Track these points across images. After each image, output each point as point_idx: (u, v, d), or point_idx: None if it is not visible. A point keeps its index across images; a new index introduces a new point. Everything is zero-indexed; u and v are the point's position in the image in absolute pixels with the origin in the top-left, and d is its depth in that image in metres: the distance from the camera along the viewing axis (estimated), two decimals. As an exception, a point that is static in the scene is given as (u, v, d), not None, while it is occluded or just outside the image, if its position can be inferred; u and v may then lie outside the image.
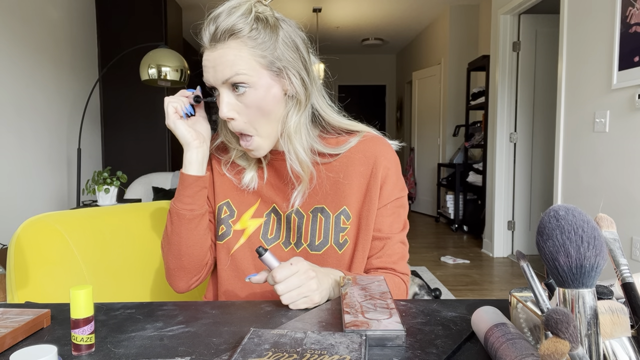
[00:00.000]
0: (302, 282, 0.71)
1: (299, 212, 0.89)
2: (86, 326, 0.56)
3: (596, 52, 2.62)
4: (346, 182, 0.88)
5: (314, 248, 0.88)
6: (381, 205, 0.88)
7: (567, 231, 0.44)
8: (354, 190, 0.88)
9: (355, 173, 0.88)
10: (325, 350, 0.51)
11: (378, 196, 0.88)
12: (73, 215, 1.06)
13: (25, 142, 2.92)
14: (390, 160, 0.89)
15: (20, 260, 0.93)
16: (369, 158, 0.88)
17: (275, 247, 0.89)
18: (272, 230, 0.90)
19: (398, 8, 5.49)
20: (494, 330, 0.53)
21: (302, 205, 0.88)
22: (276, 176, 0.91)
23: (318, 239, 0.88)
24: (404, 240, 0.92)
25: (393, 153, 0.91)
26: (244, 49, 0.77)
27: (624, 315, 0.46)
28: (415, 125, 6.57)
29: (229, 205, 0.92)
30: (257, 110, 0.79)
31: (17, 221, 2.70)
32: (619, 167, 2.47)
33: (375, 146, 0.89)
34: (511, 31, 3.86)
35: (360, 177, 0.88)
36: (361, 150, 0.89)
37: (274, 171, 0.92)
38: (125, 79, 3.76)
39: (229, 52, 0.77)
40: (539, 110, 3.98)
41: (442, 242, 4.60)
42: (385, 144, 0.91)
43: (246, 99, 0.79)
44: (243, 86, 0.78)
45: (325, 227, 0.88)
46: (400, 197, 0.90)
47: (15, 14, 2.83)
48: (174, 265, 0.88)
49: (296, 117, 0.83)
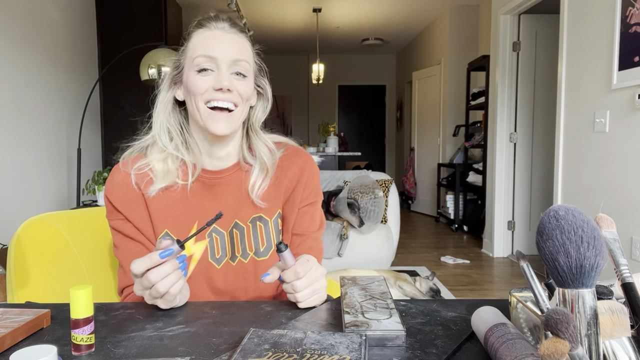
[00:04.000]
0: (317, 278, 0.73)
1: (238, 226, 0.92)
2: (86, 326, 0.56)
3: (596, 52, 2.61)
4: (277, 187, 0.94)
5: (260, 254, 0.91)
6: (301, 205, 0.95)
7: (567, 231, 0.44)
8: (282, 192, 0.95)
9: (287, 178, 0.94)
10: (325, 350, 0.51)
11: (300, 198, 0.95)
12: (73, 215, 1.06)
13: (25, 142, 2.92)
14: (311, 168, 0.97)
15: (20, 260, 0.93)
16: (299, 165, 0.96)
17: (225, 265, 0.90)
18: (218, 249, 0.90)
19: (398, 8, 5.49)
20: (494, 330, 0.53)
21: (241, 218, 0.91)
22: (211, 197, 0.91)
23: (262, 246, 0.92)
24: (319, 238, 0.99)
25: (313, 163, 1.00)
26: (248, 44, 0.91)
27: (624, 315, 0.46)
28: (415, 125, 6.57)
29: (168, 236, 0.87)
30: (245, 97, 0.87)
31: (17, 221, 2.70)
32: (619, 167, 2.47)
33: (301, 155, 0.98)
34: (511, 31, 3.86)
35: (289, 181, 0.94)
36: (289, 159, 0.96)
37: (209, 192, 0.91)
38: (125, 79, 3.76)
39: (242, 41, 0.89)
40: (539, 110, 3.98)
41: (442, 242, 4.59)
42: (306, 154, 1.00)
43: (242, 86, 0.86)
44: (243, 75, 0.87)
45: (267, 232, 0.93)
46: (316, 201, 0.98)
47: (16, 14, 2.83)
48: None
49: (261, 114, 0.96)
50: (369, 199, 3.14)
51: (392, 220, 3.29)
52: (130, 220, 0.87)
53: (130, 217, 0.87)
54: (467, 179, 4.89)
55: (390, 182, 3.33)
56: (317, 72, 6.07)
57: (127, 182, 0.88)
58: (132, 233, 0.88)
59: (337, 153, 5.02)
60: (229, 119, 0.85)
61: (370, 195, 3.15)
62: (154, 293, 0.67)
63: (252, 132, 0.96)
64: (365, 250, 3.04)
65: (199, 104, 0.84)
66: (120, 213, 0.88)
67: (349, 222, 3.06)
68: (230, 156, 0.93)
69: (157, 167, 0.88)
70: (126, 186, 0.88)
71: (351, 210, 3.00)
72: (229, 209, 0.91)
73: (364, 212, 3.09)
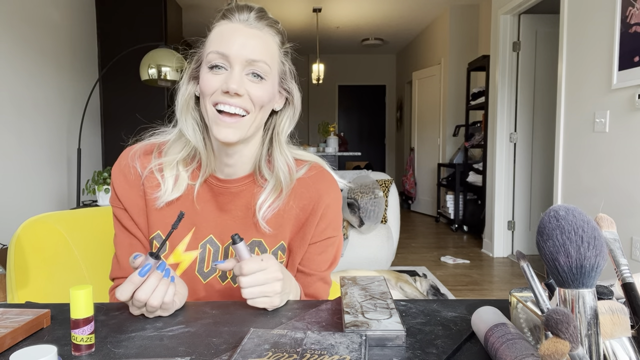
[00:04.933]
0: (267, 280, 0.68)
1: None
2: (86, 326, 0.56)
3: (596, 52, 2.61)
4: (286, 215, 0.84)
5: None
6: (313, 242, 0.86)
7: (567, 231, 0.44)
8: (292, 224, 0.85)
9: (297, 206, 0.84)
10: (325, 350, 0.51)
11: (312, 232, 0.85)
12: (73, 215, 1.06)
13: (26, 142, 2.92)
14: (332, 198, 0.86)
15: (20, 260, 0.93)
16: (313, 193, 0.84)
17: (212, 281, 0.84)
18: (208, 263, 0.84)
19: (398, 8, 5.49)
20: (494, 330, 0.53)
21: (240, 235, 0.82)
22: (216, 206, 0.84)
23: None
24: (327, 279, 0.89)
25: (337, 190, 0.87)
26: (275, 42, 0.80)
27: (624, 315, 0.46)
28: (415, 125, 6.57)
29: (160, 238, 0.84)
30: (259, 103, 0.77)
31: (17, 221, 2.69)
32: (619, 167, 2.47)
33: (321, 182, 0.86)
34: (511, 31, 3.86)
35: (300, 211, 0.85)
36: (306, 185, 0.85)
37: (214, 200, 0.85)
38: (125, 79, 3.75)
39: (266, 38, 0.78)
40: (539, 110, 3.98)
41: (442, 242, 4.59)
42: (330, 180, 0.87)
43: (256, 90, 0.76)
44: (262, 76, 0.77)
45: None
46: (332, 237, 0.87)
47: (16, 14, 2.83)
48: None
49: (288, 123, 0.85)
50: (369, 199, 3.14)
51: (392, 220, 3.29)
52: (129, 212, 0.84)
53: (129, 209, 0.84)
54: (467, 179, 4.89)
55: (390, 182, 3.33)
56: (317, 72, 6.07)
57: (133, 173, 0.83)
58: (130, 226, 0.85)
59: (337, 153, 5.02)
60: (236, 125, 0.75)
61: (370, 195, 3.15)
62: (150, 309, 0.65)
63: (275, 142, 0.84)
64: (365, 250, 3.04)
65: (207, 105, 0.76)
66: (121, 203, 0.84)
67: (349, 222, 3.06)
68: (243, 165, 0.83)
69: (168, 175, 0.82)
70: (134, 183, 0.83)
71: (351, 210, 3.00)
72: (232, 224, 0.84)
73: (364, 212, 3.09)
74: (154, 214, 0.83)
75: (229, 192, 0.84)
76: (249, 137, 0.80)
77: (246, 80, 0.76)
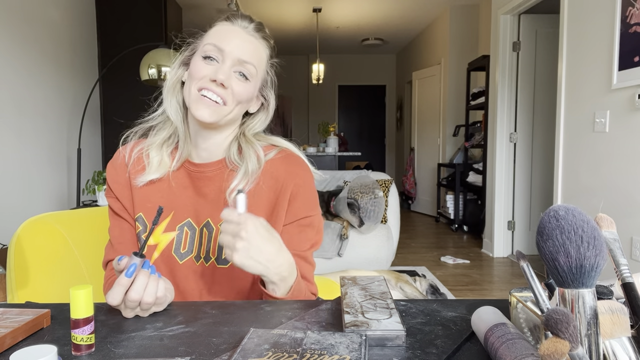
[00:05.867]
0: (233, 233, 0.71)
1: (209, 226, 0.89)
2: (86, 326, 0.56)
3: (596, 52, 2.61)
4: (257, 195, 0.87)
5: (221, 262, 0.88)
6: (287, 222, 0.88)
7: (567, 231, 0.44)
8: (263, 204, 0.88)
9: (265, 187, 0.88)
10: (325, 350, 0.51)
11: (285, 213, 0.88)
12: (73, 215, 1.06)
13: (26, 142, 2.92)
14: (301, 177, 0.89)
15: (20, 260, 0.93)
16: (281, 173, 0.88)
17: (188, 262, 0.88)
18: (184, 244, 0.89)
19: (398, 8, 5.49)
20: (494, 330, 0.53)
21: (214, 218, 0.88)
22: (193, 190, 0.90)
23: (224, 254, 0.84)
24: (309, 258, 0.91)
25: (307, 172, 0.91)
26: (265, 54, 0.90)
27: (624, 315, 0.46)
28: (415, 125, 6.57)
29: (142, 219, 0.90)
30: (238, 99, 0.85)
31: (17, 221, 2.69)
32: (619, 167, 2.47)
33: (288, 163, 0.90)
34: (511, 31, 3.86)
35: (269, 191, 0.88)
36: (275, 166, 0.89)
37: (192, 184, 0.91)
38: (125, 78, 3.75)
39: (259, 46, 0.88)
40: (539, 110, 3.98)
41: (442, 242, 4.59)
42: (298, 161, 0.91)
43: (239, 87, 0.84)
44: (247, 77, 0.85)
45: None
46: (308, 217, 0.89)
47: (16, 14, 2.83)
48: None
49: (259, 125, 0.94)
50: (369, 199, 3.14)
51: (392, 220, 3.29)
52: (117, 196, 0.91)
53: (117, 193, 0.91)
54: (467, 179, 4.89)
55: (390, 182, 3.33)
56: (317, 72, 6.07)
57: (122, 164, 0.92)
58: (119, 209, 0.92)
59: (337, 153, 5.02)
60: (215, 108, 0.83)
61: (370, 195, 3.15)
62: (145, 306, 0.66)
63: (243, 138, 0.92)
64: (365, 250, 3.04)
65: (192, 87, 0.83)
66: (112, 191, 0.92)
67: (349, 222, 3.06)
68: (216, 150, 0.90)
69: (153, 155, 0.89)
70: (120, 168, 0.92)
71: (351, 210, 3.00)
72: (206, 207, 0.89)
73: (364, 212, 3.09)
74: (137, 194, 0.90)
75: (205, 176, 0.90)
76: (223, 126, 0.88)
77: (233, 76, 0.84)
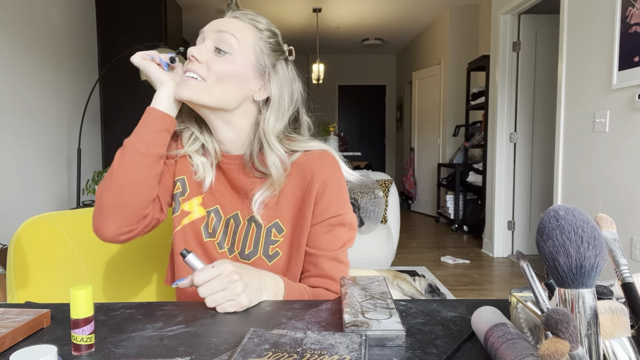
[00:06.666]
0: (224, 285, 0.68)
1: (237, 218, 0.88)
2: (86, 326, 0.56)
3: (596, 52, 2.61)
4: (282, 194, 0.86)
5: (244, 257, 0.87)
6: (315, 222, 0.85)
7: (567, 231, 0.44)
8: (289, 202, 0.86)
9: (292, 185, 0.86)
10: (325, 350, 0.51)
11: (312, 212, 0.84)
12: (73, 215, 1.06)
13: (26, 142, 2.92)
14: (328, 175, 0.85)
15: (20, 260, 0.93)
16: (306, 171, 0.85)
17: (209, 244, 0.89)
18: (211, 226, 0.90)
19: (398, 8, 5.49)
20: (494, 330, 0.53)
21: (242, 212, 0.88)
22: (224, 179, 0.91)
23: (248, 249, 0.87)
24: (340, 258, 0.87)
25: (335, 169, 0.87)
26: (251, 31, 0.85)
27: (624, 315, 0.46)
28: (415, 125, 6.57)
29: (183, 182, 0.91)
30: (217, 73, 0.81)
31: (17, 221, 2.69)
32: (619, 167, 2.47)
33: (317, 160, 0.86)
34: (511, 31, 3.86)
35: (296, 189, 0.86)
36: (301, 164, 0.86)
37: (223, 174, 0.91)
38: (125, 79, 3.75)
39: (244, 22, 0.85)
40: (539, 110, 3.98)
41: (442, 242, 4.59)
42: (328, 159, 0.87)
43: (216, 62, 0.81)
44: (224, 52, 0.82)
45: (256, 237, 0.86)
46: (337, 215, 0.86)
47: (16, 15, 2.83)
48: (111, 203, 0.80)
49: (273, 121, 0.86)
50: (369, 199, 3.14)
51: (392, 220, 3.29)
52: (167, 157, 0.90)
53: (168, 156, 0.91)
54: (467, 179, 4.88)
55: (390, 182, 3.33)
56: (317, 72, 6.07)
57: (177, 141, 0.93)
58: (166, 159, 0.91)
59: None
60: (194, 83, 0.80)
61: (370, 195, 3.14)
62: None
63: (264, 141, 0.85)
64: (365, 250, 3.04)
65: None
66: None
67: (349, 222, 3.06)
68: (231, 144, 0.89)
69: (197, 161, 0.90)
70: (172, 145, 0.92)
71: (351, 210, 2.99)
72: (234, 199, 0.89)
73: (364, 212, 3.09)
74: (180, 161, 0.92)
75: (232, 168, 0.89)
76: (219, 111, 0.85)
77: (211, 54, 0.82)
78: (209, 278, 0.69)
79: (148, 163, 0.81)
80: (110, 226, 0.80)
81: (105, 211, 0.80)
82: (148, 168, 0.81)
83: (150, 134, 0.81)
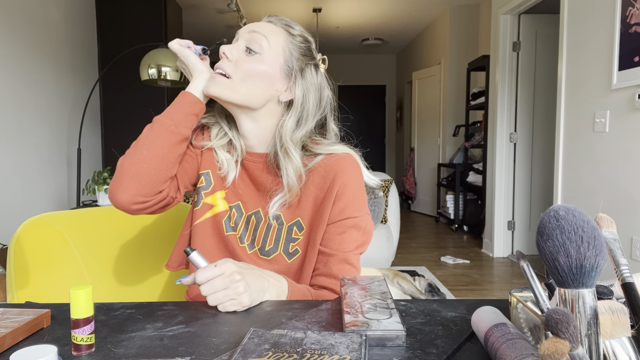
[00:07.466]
0: (226, 284, 0.69)
1: (258, 215, 0.90)
2: (86, 326, 0.56)
3: (596, 52, 2.61)
4: (303, 193, 0.88)
5: (264, 253, 0.89)
6: (331, 221, 0.86)
7: (567, 231, 0.44)
8: (310, 202, 0.88)
9: (314, 185, 0.88)
10: (325, 350, 0.51)
11: (329, 212, 0.86)
12: (73, 215, 1.06)
13: (26, 142, 2.92)
14: (348, 177, 0.86)
15: (20, 260, 0.93)
16: (329, 172, 0.87)
17: (230, 237, 0.90)
18: (232, 220, 0.92)
19: (398, 8, 5.49)
20: (494, 330, 0.53)
21: (264, 209, 0.90)
22: (247, 176, 0.94)
23: (268, 245, 0.89)
24: (351, 260, 0.87)
25: (356, 172, 0.89)
26: (283, 35, 0.88)
27: (624, 315, 0.46)
28: (415, 125, 6.57)
29: (208, 176, 0.93)
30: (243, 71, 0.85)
31: (17, 221, 2.69)
32: (619, 167, 2.47)
33: (339, 162, 0.88)
34: (511, 31, 3.86)
35: (317, 189, 0.88)
36: (324, 165, 0.88)
37: (245, 171, 0.94)
38: (125, 79, 3.75)
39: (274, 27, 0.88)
40: (539, 110, 3.98)
41: (442, 242, 4.59)
42: (351, 162, 0.89)
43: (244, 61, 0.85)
44: (254, 51, 0.86)
45: (277, 235, 0.89)
46: (353, 217, 0.87)
47: (16, 15, 2.83)
48: (130, 171, 0.82)
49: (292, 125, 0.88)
50: (369, 199, 3.14)
51: (392, 220, 3.29)
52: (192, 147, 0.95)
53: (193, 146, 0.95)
54: (467, 179, 4.88)
55: (390, 182, 3.33)
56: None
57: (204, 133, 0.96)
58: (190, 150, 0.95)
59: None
60: (221, 80, 0.85)
61: (370, 195, 3.14)
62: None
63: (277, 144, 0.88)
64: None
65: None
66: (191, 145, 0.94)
67: (349, 222, 3.06)
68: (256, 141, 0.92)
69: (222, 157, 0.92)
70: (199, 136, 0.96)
71: (351, 210, 2.99)
72: (256, 196, 0.92)
73: (364, 212, 3.09)
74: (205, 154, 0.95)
75: (256, 165, 0.92)
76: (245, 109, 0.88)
77: (242, 53, 0.86)
78: (212, 277, 0.69)
79: (174, 141, 0.84)
80: (126, 192, 0.82)
81: (123, 178, 0.82)
82: (173, 146, 0.84)
83: (182, 114, 0.85)
